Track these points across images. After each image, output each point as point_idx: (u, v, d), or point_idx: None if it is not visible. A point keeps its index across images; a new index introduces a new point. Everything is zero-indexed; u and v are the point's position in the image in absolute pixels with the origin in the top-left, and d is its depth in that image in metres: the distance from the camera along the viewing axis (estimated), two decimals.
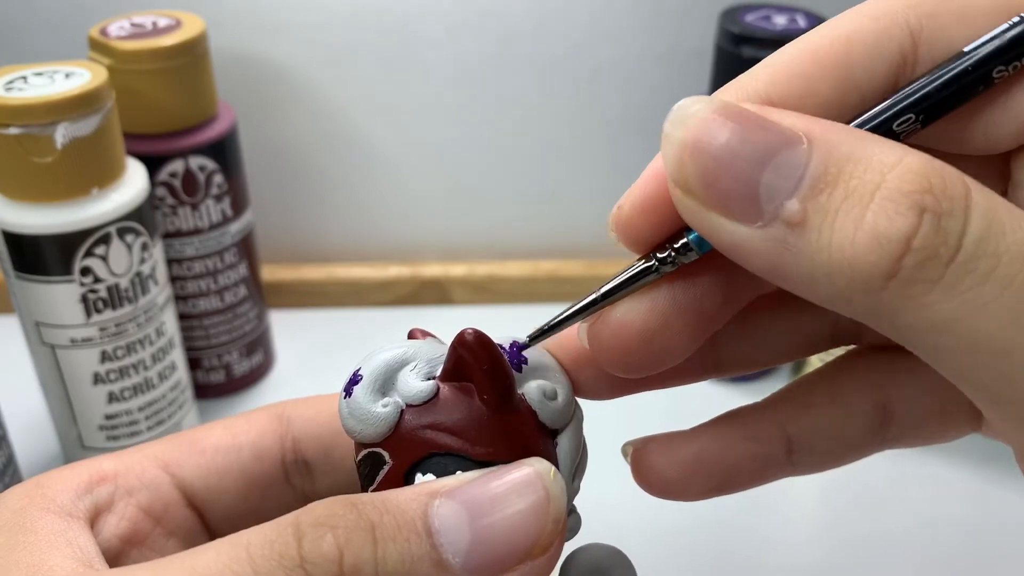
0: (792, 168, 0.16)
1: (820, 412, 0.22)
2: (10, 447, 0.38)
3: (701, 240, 0.18)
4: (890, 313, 0.15)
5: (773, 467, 0.22)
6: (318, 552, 0.17)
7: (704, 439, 0.22)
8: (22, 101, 0.35)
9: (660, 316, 0.19)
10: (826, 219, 0.15)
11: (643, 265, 0.19)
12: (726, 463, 0.22)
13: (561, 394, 0.21)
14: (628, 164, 0.57)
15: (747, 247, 0.16)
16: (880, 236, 0.15)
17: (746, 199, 0.16)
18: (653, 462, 0.22)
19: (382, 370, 0.20)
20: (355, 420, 0.20)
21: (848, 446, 0.22)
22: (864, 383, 0.22)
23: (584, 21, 0.53)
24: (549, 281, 0.58)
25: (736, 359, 0.22)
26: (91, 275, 0.38)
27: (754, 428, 0.22)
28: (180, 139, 0.44)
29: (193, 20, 0.44)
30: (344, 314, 0.57)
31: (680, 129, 0.17)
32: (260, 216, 0.55)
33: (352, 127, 0.55)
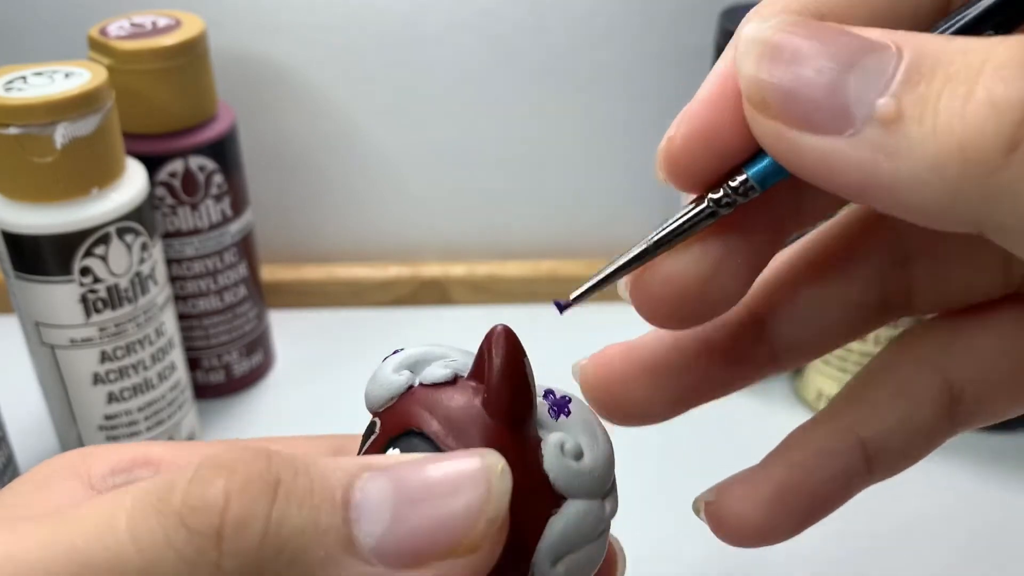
0: (882, 68, 0.14)
1: (888, 409, 0.20)
2: (9, 447, 0.38)
3: (763, 176, 0.16)
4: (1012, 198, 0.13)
5: (856, 480, 0.20)
6: (200, 496, 0.15)
7: (780, 469, 0.20)
8: (22, 101, 0.35)
9: (713, 260, 0.17)
10: (927, 106, 0.14)
11: (700, 208, 0.17)
12: (810, 490, 0.20)
13: (587, 459, 0.18)
14: (628, 164, 0.57)
15: (837, 160, 0.14)
16: (997, 103, 0.13)
17: (833, 107, 0.14)
18: (734, 510, 0.20)
19: (421, 353, 0.19)
20: (372, 382, 0.19)
21: (923, 439, 0.20)
22: (925, 366, 0.20)
23: (584, 21, 0.53)
24: (549, 281, 0.58)
25: (791, 347, 0.21)
26: (91, 275, 0.38)
27: (828, 443, 0.20)
28: (180, 139, 0.44)
29: (193, 20, 0.44)
30: (344, 314, 0.57)
31: (754, 48, 0.15)
32: (260, 216, 0.55)
33: (352, 127, 0.55)
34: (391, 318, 0.57)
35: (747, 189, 0.17)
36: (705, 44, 0.52)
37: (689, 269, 0.18)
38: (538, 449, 0.18)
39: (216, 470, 0.15)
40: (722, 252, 0.17)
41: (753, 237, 0.18)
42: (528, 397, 0.18)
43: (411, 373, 0.19)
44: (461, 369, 0.19)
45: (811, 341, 0.21)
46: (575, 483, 0.18)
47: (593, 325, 0.57)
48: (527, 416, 0.18)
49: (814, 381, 0.48)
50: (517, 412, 0.18)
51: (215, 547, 0.15)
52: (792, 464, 0.20)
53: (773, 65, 0.15)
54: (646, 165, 0.57)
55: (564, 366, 0.55)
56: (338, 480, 0.16)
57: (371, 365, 0.20)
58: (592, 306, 0.65)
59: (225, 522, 0.15)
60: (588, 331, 0.56)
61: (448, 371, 0.18)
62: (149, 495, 0.15)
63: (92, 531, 0.15)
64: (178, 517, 0.15)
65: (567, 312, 0.19)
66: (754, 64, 0.15)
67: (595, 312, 0.57)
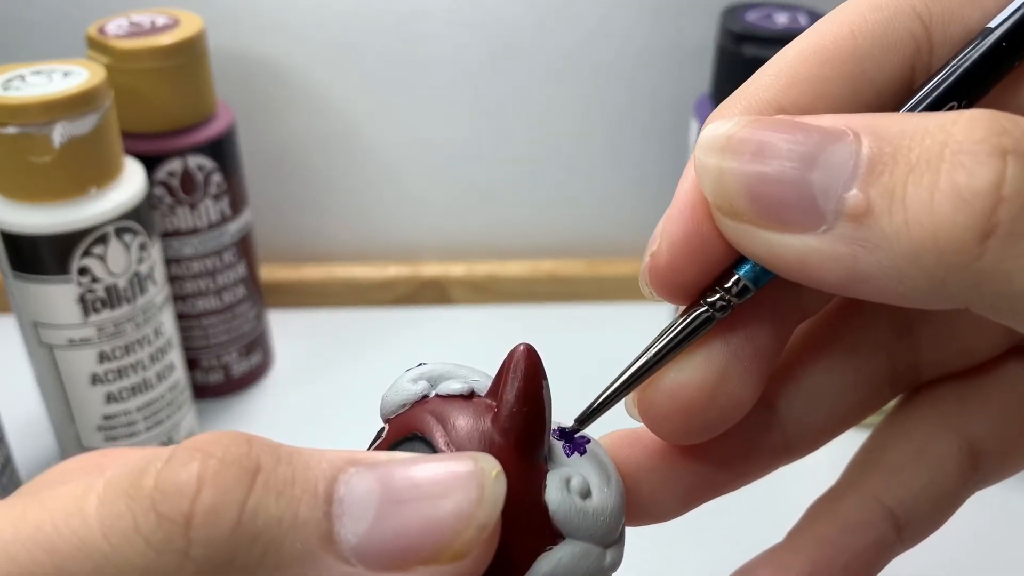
0: (843, 159, 0.14)
1: (910, 473, 0.20)
2: (8, 448, 0.38)
3: (756, 274, 0.16)
4: (995, 282, 0.13)
5: (887, 551, 0.20)
6: (172, 481, 0.14)
7: (810, 547, 0.20)
8: (20, 100, 0.35)
9: (718, 366, 0.17)
10: (895, 198, 0.14)
11: (695, 315, 0.17)
12: (843, 566, 0.19)
13: (595, 500, 0.17)
14: (629, 164, 0.56)
15: (815, 258, 0.14)
16: (963, 193, 0.13)
17: (801, 204, 0.14)
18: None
19: (444, 369, 0.19)
20: (389, 390, 0.19)
21: (948, 501, 0.20)
22: (940, 426, 0.20)
23: (585, 20, 0.52)
24: (549, 281, 0.58)
25: (804, 432, 0.20)
26: (89, 275, 0.38)
27: (855, 515, 0.20)
28: (178, 138, 0.44)
29: (192, 19, 0.44)
30: (343, 314, 0.57)
31: (713, 154, 0.15)
32: (259, 216, 0.55)
33: (351, 127, 0.55)
34: (391, 318, 0.57)
35: (741, 290, 0.16)
36: (705, 43, 0.52)
37: (694, 380, 0.17)
38: (542, 480, 0.17)
39: (192, 453, 0.15)
40: (726, 357, 0.17)
41: (757, 336, 0.17)
42: (540, 421, 0.17)
43: (429, 385, 0.18)
44: (480, 389, 0.18)
45: (823, 423, 0.20)
46: (576, 522, 0.17)
47: (593, 325, 0.57)
48: (537, 442, 0.17)
49: None
50: (526, 434, 0.17)
51: (183, 535, 0.14)
52: (821, 540, 0.20)
53: (735, 169, 0.15)
54: (646, 165, 0.57)
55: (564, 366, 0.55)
56: (322, 472, 0.15)
57: (371, 365, 0.20)
58: (592, 306, 0.65)
59: (195, 509, 0.14)
60: (588, 331, 0.56)
61: (465, 386, 0.18)
62: (121, 479, 0.15)
63: (61, 513, 0.14)
64: (149, 501, 0.14)
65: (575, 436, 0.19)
66: (715, 169, 0.15)
67: (595, 312, 0.57)
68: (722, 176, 0.15)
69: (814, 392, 0.20)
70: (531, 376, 0.17)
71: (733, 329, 0.17)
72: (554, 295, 0.58)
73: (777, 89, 0.16)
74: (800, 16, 0.46)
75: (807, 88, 0.16)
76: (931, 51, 0.16)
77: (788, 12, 0.47)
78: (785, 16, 0.46)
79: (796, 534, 0.20)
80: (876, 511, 0.20)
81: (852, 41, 0.16)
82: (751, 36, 0.44)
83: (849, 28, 0.16)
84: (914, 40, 0.16)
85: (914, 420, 0.20)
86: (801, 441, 0.20)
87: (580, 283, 0.57)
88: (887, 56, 0.16)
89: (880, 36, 0.16)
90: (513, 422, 0.17)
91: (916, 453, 0.20)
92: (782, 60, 0.16)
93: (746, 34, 0.44)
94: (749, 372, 0.17)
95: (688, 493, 0.19)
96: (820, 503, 0.21)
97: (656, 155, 0.56)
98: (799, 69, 0.16)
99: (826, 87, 0.16)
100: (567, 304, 0.58)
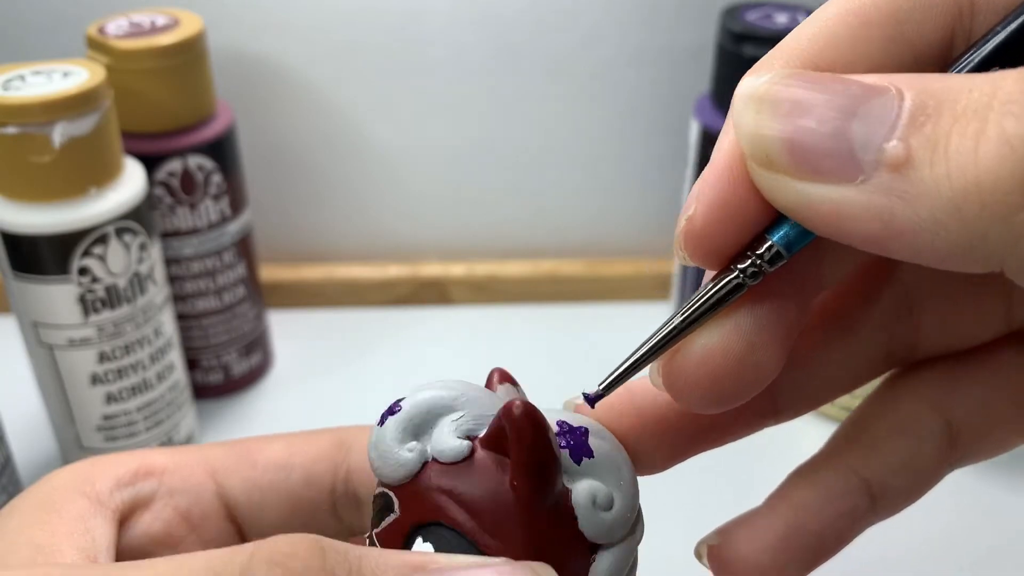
0: (885, 111, 0.14)
1: (889, 447, 0.20)
2: (8, 448, 0.38)
3: (789, 240, 0.16)
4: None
5: (860, 521, 0.20)
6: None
7: (785, 511, 0.20)
8: (19, 100, 0.35)
9: (746, 335, 0.17)
10: (937, 147, 0.13)
11: (727, 280, 0.16)
12: (817, 531, 0.20)
13: (618, 505, 0.18)
14: (629, 164, 0.56)
15: (852, 210, 0.14)
16: (1010, 141, 0.12)
17: (838, 154, 0.14)
18: (740, 554, 0.20)
19: (423, 411, 0.18)
20: (376, 454, 0.18)
21: (925, 477, 0.20)
22: (924, 404, 0.20)
23: (585, 19, 0.52)
24: (549, 281, 0.58)
25: (794, 400, 0.20)
26: (89, 275, 0.38)
27: (832, 484, 0.20)
28: (178, 138, 0.44)
29: (191, 19, 0.44)
30: (343, 314, 0.57)
31: (752, 104, 0.15)
32: (259, 216, 0.55)
33: (351, 126, 0.55)
34: (391, 318, 0.57)
35: (773, 256, 0.16)
36: (706, 43, 0.52)
37: (722, 348, 0.17)
38: (568, 502, 0.17)
39: (271, 569, 0.15)
40: (754, 326, 0.17)
41: (783, 306, 0.17)
42: (556, 471, 0.17)
43: (420, 445, 0.18)
44: (472, 426, 0.18)
45: (813, 393, 0.21)
46: (607, 534, 0.18)
47: (593, 325, 0.57)
48: (556, 482, 0.17)
49: None
50: (548, 487, 0.17)
51: None
52: (797, 506, 0.20)
53: (772, 118, 0.15)
54: (647, 165, 0.57)
55: (564, 366, 0.55)
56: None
57: (371, 365, 0.20)
58: (591, 306, 0.65)
59: None
60: (588, 331, 0.56)
61: (463, 443, 0.18)
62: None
63: None
64: None
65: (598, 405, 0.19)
66: (753, 119, 0.15)
67: (595, 312, 0.57)
68: (759, 126, 0.15)
69: (810, 364, 0.20)
70: (540, 442, 0.17)
71: (760, 299, 0.17)
72: (554, 295, 0.58)
73: (815, 48, 0.16)
74: (800, 16, 0.46)
75: (845, 48, 0.16)
76: (972, 16, 0.16)
77: (788, 12, 0.47)
78: (785, 16, 0.46)
79: (774, 499, 0.21)
80: (853, 482, 0.20)
81: (893, 3, 0.16)
82: (751, 36, 0.44)
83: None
84: (957, 5, 0.15)
85: (898, 397, 0.20)
86: (790, 407, 0.20)
87: (580, 283, 0.57)
88: (928, 19, 0.15)
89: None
90: (531, 490, 0.17)
91: (897, 428, 0.20)
92: (821, 17, 0.16)
93: (746, 34, 0.44)
94: (775, 342, 0.17)
95: (676, 450, 0.20)
96: (800, 471, 0.21)
97: (656, 155, 0.56)
98: (837, 29, 0.16)
99: (864, 47, 0.16)
100: (567, 304, 0.58)
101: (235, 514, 0.23)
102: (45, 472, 0.22)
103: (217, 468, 0.23)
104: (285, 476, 0.23)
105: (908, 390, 0.20)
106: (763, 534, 0.20)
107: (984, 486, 0.45)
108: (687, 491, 0.42)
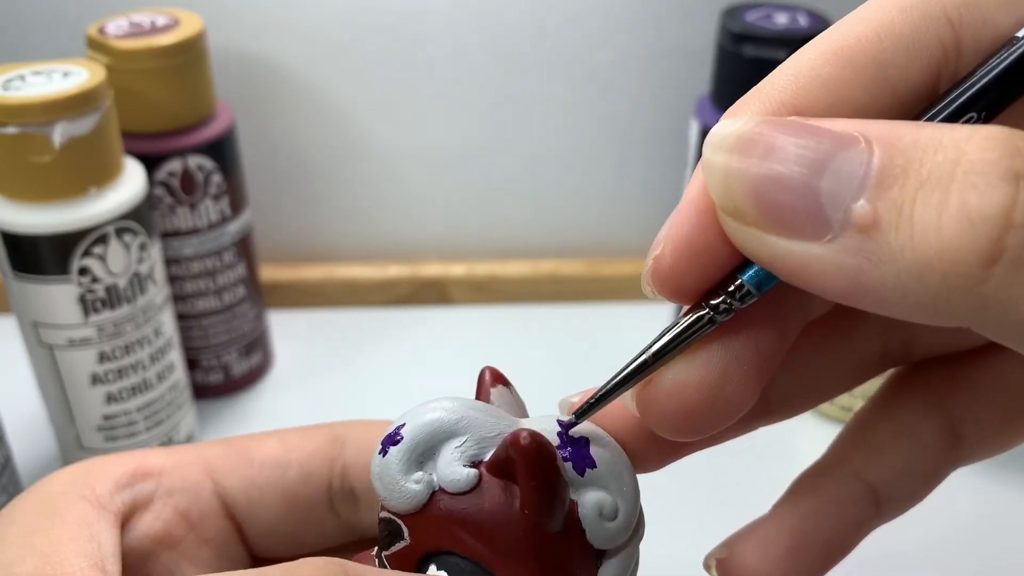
0: (853, 168, 0.14)
1: (892, 451, 0.20)
2: (8, 448, 0.38)
3: (759, 280, 0.16)
4: (999, 308, 0.13)
5: (866, 525, 0.20)
6: None
7: (792, 521, 0.20)
8: (20, 100, 0.35)
9: (718, 369, 0.17)
10: (903, 213, 0.13)
11: (696, 317, 0.17)
12: (825, 539, 0.20)
13: (622, 511, 0.18)
14: (629, 164, 0.56)
15: (818, 267, 0.14)
16: (972, 215, 0.13)
17: (808, 211, 0.14)
18: (748, 565, 0.20)
19: (426, 438, 0.18)
20: (382, 486, 0.18)
21: (927, 479, 0.20)
22: (926, 406, 0.20)
23: (584, 20, 0.52)
24: (549, 281, 0.58)
25: (787, 401, 0.21)
26: (89, 275, 0.38)
27: (838, 491, 0.20)
28: (178, 138, 0.44)
29: (191, 19, 0.44)
30: (343, 314, 0.57)
31: (721, 153, 0.15)
32: (259, 216, 0.55)
33: (352, 126, 0.55)
34: (391, 318, 0.57)
35: (744, 295, 0.16)
36: (705, 44, 0.52)
37: (692, 381, 0.17)
38: (575, 515, 0.18)
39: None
40: (727, 360, 0.17)
41: (760, 338, 0.17)
42: (566, 494, 0.18)
43: (426, 475, 0.18)
44: (476, 451, 0.18)
45: (806, 396, 0.21)
46: (612, 541, 0.18)
47: (593, 325, 0.57)
48: (565, 508, 0.18)
49: None
50: (559, 514, 0.18)
51: None
52: (803, 515, 0.20)
53: (741, 169, 0.15)
54: (647, 165, 0.57)
55: (564, 366, 0.55)
56: None
57: (371, 365, 0.20)
58: (591, 306, 0.64)
59: None
60: (588, 331, 0.56)
61: (470, 473, 0.18)
62: None
63: None
64: None
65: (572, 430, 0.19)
66: (722, 167, 0.15)
67: (595, 312, 0.57)
68: (728, 176, 0.15)
69: (803, 368, 0.20)
70: (549, 475, 0.17)
71: (735, 331, 0.17)
72: (554, 295, 0.58)
73: (795, 90, 0.16)
74: (800, 16, 0.46)
75: (826, 90, 0.16)
76: (959, 57, 0.16)
77: (788, 12, 0.47)
78: (785, 16, 0.46)
79: (780, 508, 0.21)
80: (857, 488, 0.20)
81: (877, 44, 0.15)
82: (751, 36, 0.44)
83: (875, 30, 0.16)
84: (942, 46, 0.15)
85: (900, 399, 0.21)
86: (782, 408, 0.21)
87: (580, 283, 0.57)
88: (913, 61, 0.15)
89: (907, 40, 0.15)
90: (542, 517, 0.17)
91: (899, 431, 0.20)
92: (802, 59, 0.16)
93: (746, 34, 0.44)
94: (749, 375, 0.17)
95: (669, 450, 0.20)
96: (804, 478, 0.21)
97: (656, 155, 0.56)
98: (819, 70, 0.16)
99: (846, 90, 0.15)
100: (567, 304, 0.58)
101: (233, 512, 0.23)
102: (45, 472, 0.22)
103: (214, 467, 0.23)
104: (281, 473, 0.23)
105: (909, 392, 0.20)
106: (771, 545, 0.20)
107: (985, 486, 0.45)
108: (687, 492, 0.42)
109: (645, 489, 0.19)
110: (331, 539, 0.24)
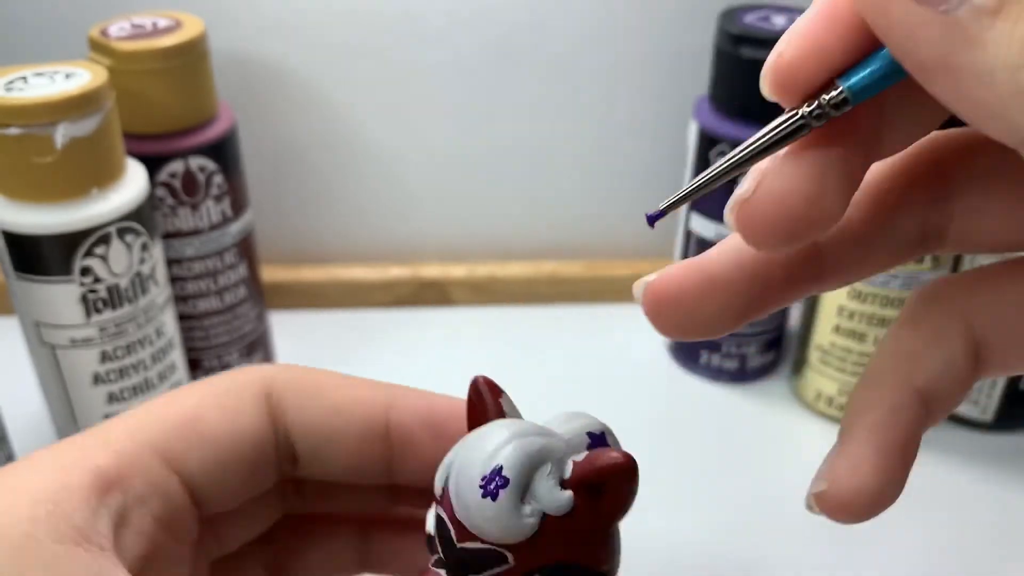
0: None
1: (930, 357, 0.21)
2: (10, 447, 0.38)
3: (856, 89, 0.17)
4: None
5: (922, 427, 0.21)
6: None
7: (867, 435, 0.20)
8: (22, 101, 0.35)
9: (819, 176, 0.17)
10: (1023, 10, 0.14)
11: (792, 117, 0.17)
12: (902, 444, 0.20)
13: None
14: (628, 165, 0.57)
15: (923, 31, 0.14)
16: None
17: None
18: (852, 487, 0.20)
19: (527, 474, 0.20)
20: (499, 527, 0.19)
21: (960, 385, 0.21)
22: (952, 315, 0.21)
23: (583, 21, 0.53)
24: (549, 281, 0.58)
25: (838, 265, 0.21)
26: (91, 275, 0.38)
27: (895, 400, 0.21)
28: (180, 140, 0.44)
29: (193, 21, 0.44)
30: (344, 315, 0.57)
31: None
32: (260, 217, 0.55)
33: (352, 127, 0.55)
34: (391, 319, 0.57)
35: (840, 102, 0.17)
36: (705, 44, 0.52)
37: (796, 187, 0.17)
38: None
39: None
40: (825, 168, 0.17)
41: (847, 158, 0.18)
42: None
43: (534, 506, 0.20)
44: (559, 469, 0.20)
45: (855, 266, 0.21)
46: None
47: (593, 326, 0.57)
48: None
49: (814, 381, 0.48)
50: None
51: None
52: (874, 427, 0.21)
53: None
54: (646, 166, 0.57)
55: (564, 366, 0.55)
56: None
57: (371, 366, 0.20)
58: (591, 307, 0.64)
59: None
60: (588, 332, 0.56)
61: (567, 495, 0.20)
62: None
63: None
64: None
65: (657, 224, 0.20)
66: None
67: (595, 313, 0.58)
68: None
69: (853, 236, 0.21)
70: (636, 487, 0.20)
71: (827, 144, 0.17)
72: (555, 296, 0.58)
73: None
74: (798, 18, 0.46)
75: None
76: None
77: (786, 14, 0.47)
78: (783, 18, 0.46)
79: (849, 430, 0.21)
80: (909, 393, 0.21)
81: None
82: (749, 38, 0.44)
83: None
84: None
85: (927, 308, 0.21)
86: (832, 277, 0.21)
87: (580, 284, 0.58)
88: None
89: None
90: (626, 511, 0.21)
91: (931, 337, 0.21)
92: None
93: (744, 36, 0.45)
94: (842, 189, 0.18)
95: (738, 313, 0.20)
96: (856, 399, 0.21)
97: (656, 156, 0.56)
98: None
99: None
100: (567, 305, 0.58)
101: (198, 497, 0.22)
102: None
103: (170, 454, 0.22)
104: (238, 447, 0.23)
105: (936, 302, 0.21)
106: (863, 463, 0.20)
107: (987, 485, 0.45)
108: (691, 488, 0.42)
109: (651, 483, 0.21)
110: (272, 495, 0.25)
